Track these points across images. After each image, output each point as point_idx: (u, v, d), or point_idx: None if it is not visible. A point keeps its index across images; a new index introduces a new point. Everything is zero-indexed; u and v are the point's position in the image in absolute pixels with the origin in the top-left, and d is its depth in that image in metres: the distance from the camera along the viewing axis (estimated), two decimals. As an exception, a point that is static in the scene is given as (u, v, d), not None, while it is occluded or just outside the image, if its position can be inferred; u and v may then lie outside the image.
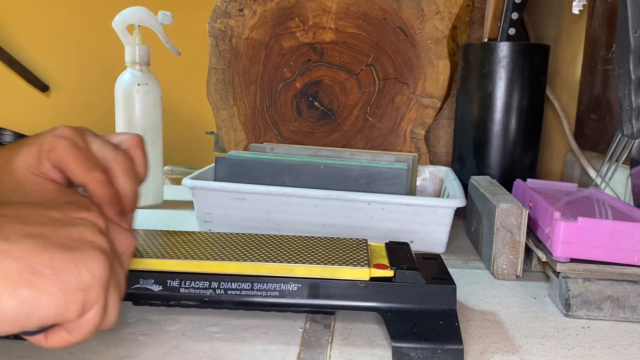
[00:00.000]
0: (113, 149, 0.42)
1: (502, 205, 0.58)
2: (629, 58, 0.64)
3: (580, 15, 0.84)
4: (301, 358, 0.41)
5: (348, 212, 0.66)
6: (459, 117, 0.86)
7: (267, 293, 0.44)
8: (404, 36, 0.87)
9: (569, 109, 0.91)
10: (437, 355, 0.40)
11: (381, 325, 0.46)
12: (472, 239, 0.71)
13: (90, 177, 0.40)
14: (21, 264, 0.28)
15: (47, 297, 0.29)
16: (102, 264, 0.31)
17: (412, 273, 0.44)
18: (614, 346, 0.45)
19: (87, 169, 0.40)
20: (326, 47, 0.89)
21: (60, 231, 0.31)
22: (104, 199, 0.40)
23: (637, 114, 0.65)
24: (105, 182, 0.40)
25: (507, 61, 0.78)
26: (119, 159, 0.42)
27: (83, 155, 0.41)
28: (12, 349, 0.40)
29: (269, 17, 0.89)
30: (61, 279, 0.29)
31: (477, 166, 0.82)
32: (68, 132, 0.41)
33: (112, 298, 0.33)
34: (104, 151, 0.42)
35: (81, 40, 1.77)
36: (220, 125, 0.94)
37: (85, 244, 0.31)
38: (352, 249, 0.48)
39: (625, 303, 0.50)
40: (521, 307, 0.52)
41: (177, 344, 0.42)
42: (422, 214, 0.65)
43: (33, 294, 0.28)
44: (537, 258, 0.61)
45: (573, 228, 0.51)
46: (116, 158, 0.42)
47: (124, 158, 0.42)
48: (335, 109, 0.91)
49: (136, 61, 0.82)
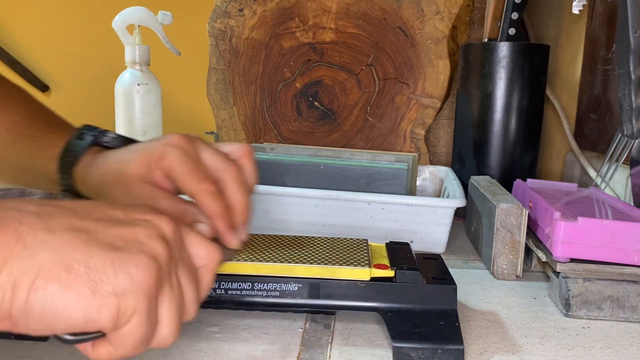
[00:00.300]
0: (224, 160, 0.41)
1: (502, 205, 0.58)
2: (629, 58, 0.64)
3: (580, 15, 0.84)
4: (301, 358, 0.41)
5: (348, 212, 0.66)
6: (459, 117, 0.86)
7: (267, 293, 0.44)
8: (404, 36, 0.87)
9: (569, 109, 0.91)
10: (438, 355, 0.40)
11: (381, 325, 0.46)
12: (472, 239, 0.71)
13: (200, 189, 0.39)
14: (56, 258, 0.26)
15: (75, 296, 0.26)
16: (145, 269, 0.28)
17: (412, 273, 0.44)
18: (614, 346, 0.45)
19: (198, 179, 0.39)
20: (326, 47, 0.89)
21: (112, 229, 0.29)
22: (214, 211, 0.39)
23: (637, 114, 0.65)
24: (216, 193, 0.39)
25: (507, 61, 0.78)
26: (230, 169, 0.40)
27: (194, 165, 0.39)
28: (12, 348, 0.40)
29: (269, 17, 0.89)
30: (93, 278, 0.26)
31: (477, 166, 0.82)
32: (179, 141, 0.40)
33: (166, 311, 0.29)
34: (214, 161, 0.41)
35: (81, 40, 1.77)
36: (220, 125, 0.94)
37: (134, 246, 0.29)
38: (352, 249, 0.48)
39: (625, 303, 0.50)
40: (521, 307, 0.52)
41: (177, 344, 0.42)
42: (422, 214, 0.65)
43: (61, 290, 0.26)
44: (537, 258, 0.61)
45: (573, 228, 0.51)
46: (227, 168, 0.40)
47: (234, 169, 0.41)
48: (335, 109, 0.91)
49: (136, 61, 0.82)
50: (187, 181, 0.39)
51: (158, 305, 0.29)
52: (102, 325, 0.27)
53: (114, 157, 0.44)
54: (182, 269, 0.31)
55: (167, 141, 0.40)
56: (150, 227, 0.30)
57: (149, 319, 0.28)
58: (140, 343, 0.28)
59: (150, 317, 0.28)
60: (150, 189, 0.41)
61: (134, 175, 0.41)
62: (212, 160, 0.41)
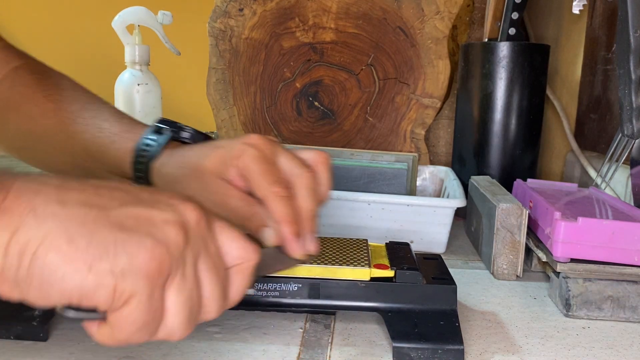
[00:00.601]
0: (299, 165, 0.40)
1: (502, 205, 0.58)
2: (629, 58, 0.64)
3: (581, 15, 0.84)
4: (301, 358, 0.41)
5: (348, 212, 0.66)
6: (459, 117, 0.86)
7: (267, 293, 0.44)
8: (404, 36, 0.87)
9: (569, 109, 0.91)
10: (438, 355, 0.40)
11: (381, 326, 0.46)
12: (472, 239, 0.71)
13: (270, 191, 0.38)
14: (61, 229, 0.26)
15: (72, 269, 0.26)
16: (149, 252, 0.27)
17: (412, 273, 0.44)
18: (614, 346, 0.45)
19: (270, 182, 0.39)
20: (326, 47, 0.89)
21: (128, 209, 0.28)
22: (282, 216, 0.38)
23: (637, 114, 0.65)
24: (286, 198, 0.38)
25: (507, 61, 0.78)
26: (304, 175, 0.40)
27: (268, 167, 0.39)
28: (12, 349, 0.40)
29: (269, 17, 0.89)
30: (93, 254, 0.26)
31: (477, 166, 0.82)
32: (258, 142, 0.40)
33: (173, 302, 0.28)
34: (290, 166, 0.40)
35: (81, 40, 1.76)
36: (220, 125, 0.94)
37: (145, 229, 0.28)
38: (352, 249, 0.48)
39: (626, 303, 0.50)
40: (521, 307, 0.52)
41: (177, 344, 0.42)
42: (422, 214, 0.65)
43: (59, 260, 0.26)
44: (537, 258, 0.61)
45: (573, 228, 0.51)
46: (301, 175, 0.40)
47: (308, 175, 0.40)
48: (335, 109, 0.91)
49: (136, 61, 0.82)
50: (259, 182, 0.39)
51: (165, 293, 0.28)
52: (97, 302, 0.27)
53: (193, 151, 0.44)
54: (204, 262, 0.30)
55: (246, 140, 0.40)
56: (170, 210, 0.29)
57: (150, 305, 0.27)
58: (139, 329, 0.28)
59: (153, 304, 0.27)
60: (223, 186, 0.40)
61: (210, 170, 0.41)
62: (287, 165, 0.40)
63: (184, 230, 0.29)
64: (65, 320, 0.44)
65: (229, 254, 0.32)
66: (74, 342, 0.41)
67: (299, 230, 0.38)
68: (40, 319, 0.41)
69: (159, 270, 0.27)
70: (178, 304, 0.29)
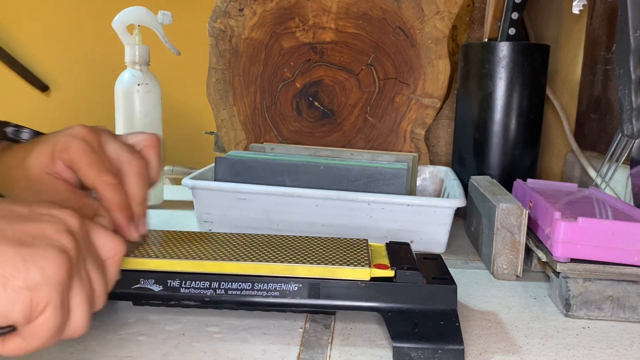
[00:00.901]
0: (128, 151, 0.41)
1: (502, 205, 0.58)
2: (629, 58, 0.64)
3: (581, 15, 0.84)
4: (301, 358, 0.41)
5: (348, 212, 0.66)
6: (459, 117, 0.86)
7: (267, 293, 0.44)
8: (404, 36, 0.87)
9: (569, 109, 0.91)
10: (438, 355, 0.40)
11: (381, 326, 0.46)
12: (472, 239, 0.71)
13: (100, 180, 0.39)
14: None
15: None
16: (56, 263, 0.29)
17: (412, 273, 0.44)
18: (614, 346, 0.45)
19: (99, 171, 0.39)
20: (326, 47, 0.89)
21: (18, 225, 0.30)
22: (113, 203, 0.39)
23: (637, 114, 0.65)
24: (116, 185, 0.39)
25: (507, 61, 0.78)
26: (133, 162, 0.41)
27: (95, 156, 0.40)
28: (12, 349, 0.40)
29: (269, 17, 0.89)
30: (4, 274, 0.27)
31: (477, 166, 0.82)
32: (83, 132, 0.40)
33: (77, 303, 0.31)
34: (118, 153, 0.41)
35: (81, 40, 1.76)
36: (220, 125, 0.94)
37: (43, 241, 0.29)
38: (352, 249, 0.48)
39: (626, 303, 0.50)
40: (521, 307, 0.52)
41: (177, 344, 0.42)
42: (422, 214, 0.65)
43: None
44: (537, 258, 0.61)
45: (573, 228, 0.51)
46: (130, 161, 0.41)
47: (137, 162, 0.41)
48: (335, 109, 0.91)
49: (136, 61, 0.82)
50: (87, 172, 0.39)
51: (70, 296, 0.30)
52: (14, 319, 0.28)
53: (20, 149, 0.44)
54: (90, 261, 0.32)
55: (70, 132, 0.41)
56: (56, 221, 0.31)
57: (62, 310, 0.29)
58: (53, 334, 0.29)
59: (63, 308, 0.29)
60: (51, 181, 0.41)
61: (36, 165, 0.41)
62: (115, 152, 0.41)
63: (73, 236, 0.31)
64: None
65: (103, 248, 0.34)
66: (74, 342, 0.41)
67: (130, 214, 0.40)
68: (41, 319, 0.41)
69: (67, 277, 0.29)
70: (81, 303, 0.31)
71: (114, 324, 0.44)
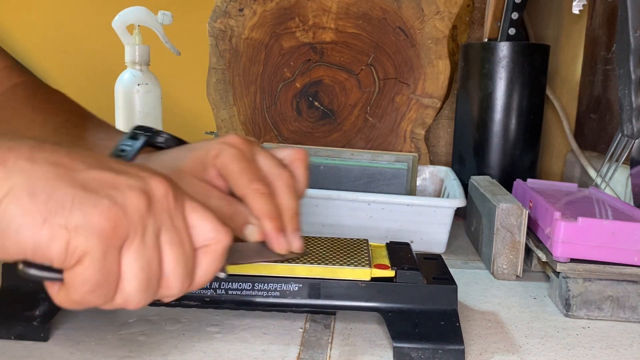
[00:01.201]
0: (277, 165, 0.41)
1: (502, 205, 0.58)
2: (629, 58, 0.64)
3: (581, 15, 0.84)
4: (301, 358, 0.41)
5: (348, 212, 0.66)
6: (459, 117, 0.86)
7: (268, 293, 0.44)
8: (404, 36, 0.87)
9: (569, 109, 0.91)
10: (439, 355, 0.40)
11: (381, 326, 0.46)
12: (472, 239, 0.71)
13: (251, 189, 0.39)
14: (25, 183, 0.27)
15: (29, 221, 0.27)
16: (104, 213, 0.28)
17: (413, 273, 0.44)
18: (614, 346, 0.45)
19: (250, 179, 0.39)
20: (326, 47, 0.89)
21: (94, 172, 0.29)
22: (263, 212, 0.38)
23: (637, 114, 0.65)
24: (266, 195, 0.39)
25: (507, 61, 0.78)
26: (283, 174, 0.41)
27: (247, 165, 0.40)
28: (12, 348, 0.40)
29: (269, 17, 0.89)
30: (49, 208, 0.27)
31: (477, 166, 0.82)
32: (237, 141, 0.41)
33: (129, 267, 0.29)
34: (268, 165, 0.41)
35: (81, 40, 1.76)
36: (220, 125, 0.94)
37: (106, 191, 0.28)
38: (353, 249, 0.48)
39: (626, 303, 0.50)
40: (521, 307, 0.52)
41: (177, 344, 0.42)
42: (422, 214, 0.65)
43: (18, 212, 0.27)
44: (537, 258, 0.61)
45: (573, 228, 0.51)
46: (280, 174, 0.41)
47: (287, 174, 0.41)
48: (335, 109, 0.91)
49: (136, 61, 0.82)
50: (239, 180, 0.39)
51: (122, 258, 0.29)
52: (51, 257, 0.27)
53: (169, 155, 0.44)
54: (168, 236, 0.30)
55: (224, 140, 0.41)
56: (136, 179, 0.30)
57: (103, 265, 0.28)
58: (93, 289, 0.28)
59: (106, 265, 0.28)
60: (203, 187, 0.40)
61: (189, 171, 0.41)
62: (266, 165, 0.41)
63: (146, 199, 0.29)
64: (66, 321, 0.44)
65: (199, 233, 0.32)
66: (74, 342, 0.41)
67: (281, 225, 0.39)
68: (41, 319, 0.41)
69: (113, 231, 0.28)
70: (134, 269, 0.29)
71: (114, 324, 0.44)
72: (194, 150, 0.42)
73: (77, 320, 0.45)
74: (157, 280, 0.30)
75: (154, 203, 0.30)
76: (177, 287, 0.31)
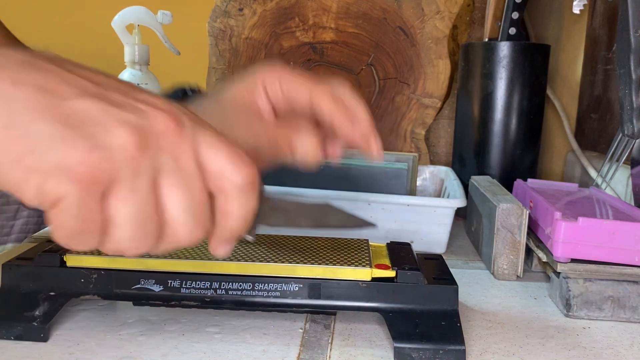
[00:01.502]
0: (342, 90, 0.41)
1: (503, 206, 0.58)
2: (630, 58, 0.64)
3: (581, 15, 0.83)
4: (301, 358, 0.41)
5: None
6: (459, 117, 0.86)
7: (268, 293, 0.43)
8: (404, 36, 0.87)
9: (569, 108, 0.91)
10: (439, 355, 0.40)
11: (382, 326, 0.46)
12: (473, 239, 0.71)
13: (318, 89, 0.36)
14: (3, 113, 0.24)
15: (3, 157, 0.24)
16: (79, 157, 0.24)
17: (413, 273, 0.44)
18: (614, 346, 0.45)
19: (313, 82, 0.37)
20: (326, 47, 0.89)
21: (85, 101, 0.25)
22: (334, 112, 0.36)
23: (637, 114, 0.65)
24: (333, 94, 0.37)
25: (508, 61, 0.78)
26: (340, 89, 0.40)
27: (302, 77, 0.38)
28: (12, 348, 0.40)
29: (269, 17, 0.89)
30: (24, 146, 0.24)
31: (477, 166, 0.82)
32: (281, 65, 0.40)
33: (119, 213, 0.26)
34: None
35: (81, 40, 1.76)
36: (220, 125, 0.94)
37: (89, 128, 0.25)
38: (353, 249, 0.48)
39: (626, 303, 0.50)
40: (522, 307, 0.52)
41: (177, 344, 0.42)
42: (423, 214, 0.65)
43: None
44: (537, 258, 0.61)
45: (573, 228, 0.51)
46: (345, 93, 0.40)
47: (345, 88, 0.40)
48: (336, 108, 0.91)
49: (136, 61, 0.82)
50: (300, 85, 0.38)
51: (110, 203, 0.26)
52: (25, 198, 0.25)
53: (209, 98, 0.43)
54: (170, 177, 0.27)
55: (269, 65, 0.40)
56: (134, 114, 0.26)
57: (82, 212, 0.25)
58: (72, 235, 0.26)
59: (86, 212, 0.25)
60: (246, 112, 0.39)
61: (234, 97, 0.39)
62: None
63: (139, 137, 0.26)
64: (65, 321, 0.44)
65: (214, 172, 0.28)
66: (74, 343, 0.41)
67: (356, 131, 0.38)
68: (41, 319, 0.41)
69: (91, 177, 0.25)
70: (125, 216, 0.26)
71: (114, 324, 0.44)
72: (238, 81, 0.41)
73: (77, 320, 0.45)
74: (158, 228, 0.27)
75: (149, 141, 0.26)
76: (186, 235, 0.27)
